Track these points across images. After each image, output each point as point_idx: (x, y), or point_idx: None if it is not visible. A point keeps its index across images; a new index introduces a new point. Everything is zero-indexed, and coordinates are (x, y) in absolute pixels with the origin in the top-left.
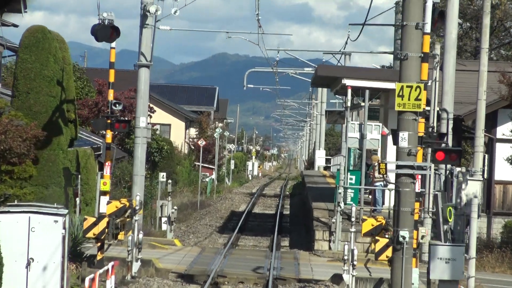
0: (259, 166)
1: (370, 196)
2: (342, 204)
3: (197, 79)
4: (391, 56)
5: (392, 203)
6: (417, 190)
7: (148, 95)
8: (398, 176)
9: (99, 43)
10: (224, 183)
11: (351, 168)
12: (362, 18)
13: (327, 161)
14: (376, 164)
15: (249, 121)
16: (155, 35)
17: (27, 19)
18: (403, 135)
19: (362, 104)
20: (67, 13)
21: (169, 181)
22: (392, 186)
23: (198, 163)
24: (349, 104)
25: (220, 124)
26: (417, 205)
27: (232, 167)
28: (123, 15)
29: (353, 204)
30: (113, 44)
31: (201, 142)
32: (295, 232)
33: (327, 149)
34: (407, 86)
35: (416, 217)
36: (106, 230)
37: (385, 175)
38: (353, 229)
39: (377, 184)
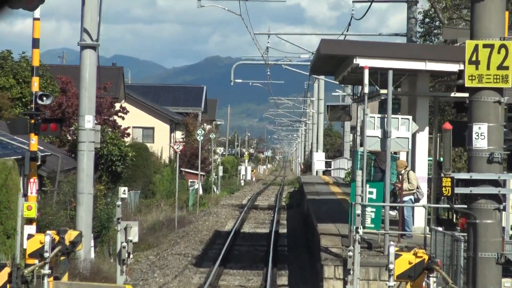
0: (252, 170)
1: (393, 212)
2: (361, 230)
3: (190, 82)
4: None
5: (425, 223)
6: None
7: (96, 86)
8: (473, 198)
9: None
10: (211, 192)
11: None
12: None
13: (327, 164)
14: (403, 171)
15: (243, 123)
16: (102, 6)
17: (19, 26)
18: (480, 130)
19: (383, 91)
20: (59, 19)
21: (119, 202)
22: (424, 201)
23: (184, 169)
24: (366, 89)
25: (208, 126)
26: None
27: (221, 173)
28: (112, 19)
29: (391, 243)
30: (37, 14)
31: (178, 147)
32: (295, 261)
33: (325, 150)
34: (485, 46)
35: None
36: (8, 285)
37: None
38: (391, 283)
39: (406, 199)
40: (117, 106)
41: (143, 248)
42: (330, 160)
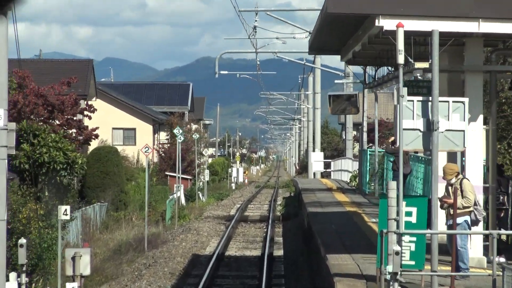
0: (244, 172)
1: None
2: (400, 275)
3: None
4: None
5: (494, 255)
6: None
7: (7, 66)
8: None
9: (83, 53)
10: (195, 200)
11: (367, 179)
12: None
13: (325, 165)
14: (453, 180)
15: (235, 124)
16: None
17: (9, 31)
18: None
19: (421, 65)
20: (49, 23)
21: (22, 240)
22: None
23: (169, 173)
24: (401, 59)
25: (195, 126)
26: None
27: (207, 178)
28: (110, 22)
29: None
30: None
31: (146, 150)
32: None
33: (322, 150)
34: None
35: None
36: None
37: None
38: None
39: (460, 220)
40: (84, 104)
41: (98, 281)
42: (329, 160)
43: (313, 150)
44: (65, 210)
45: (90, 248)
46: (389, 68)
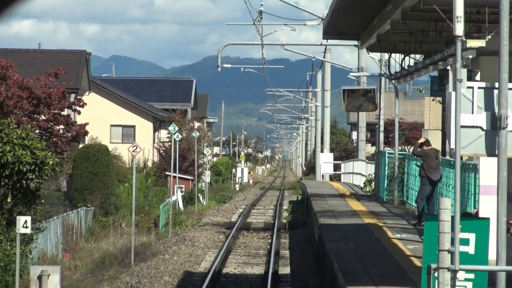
0: (249, 173)
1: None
2: None
3: None
4: None
5: None
6: None
7: None
8: None
9: (90, 50)
10: (195, 203)
11: (384, 185)
12: None
13: (335, 167)
14: None
15: (241, 123)
16: None
17: (16, 28)
18: None
19: (477, 44)
20: (56, 20)
21: None
22: None
23: (169, 173)
24: (461, 29)
25: (198, 124)
26: None
27: (208, 179)
28: (116, 19)
29: None
30: None
31: (134, 149)
32: None
33: (330, 150)
34: None
35: None
36: None
37: None
38: None
39: None
40: (73, 98)
41: None
42: (339, 162)
43: (322, 151)
44: (25, 221)
45: (60, 266)
46: (421, 56)
